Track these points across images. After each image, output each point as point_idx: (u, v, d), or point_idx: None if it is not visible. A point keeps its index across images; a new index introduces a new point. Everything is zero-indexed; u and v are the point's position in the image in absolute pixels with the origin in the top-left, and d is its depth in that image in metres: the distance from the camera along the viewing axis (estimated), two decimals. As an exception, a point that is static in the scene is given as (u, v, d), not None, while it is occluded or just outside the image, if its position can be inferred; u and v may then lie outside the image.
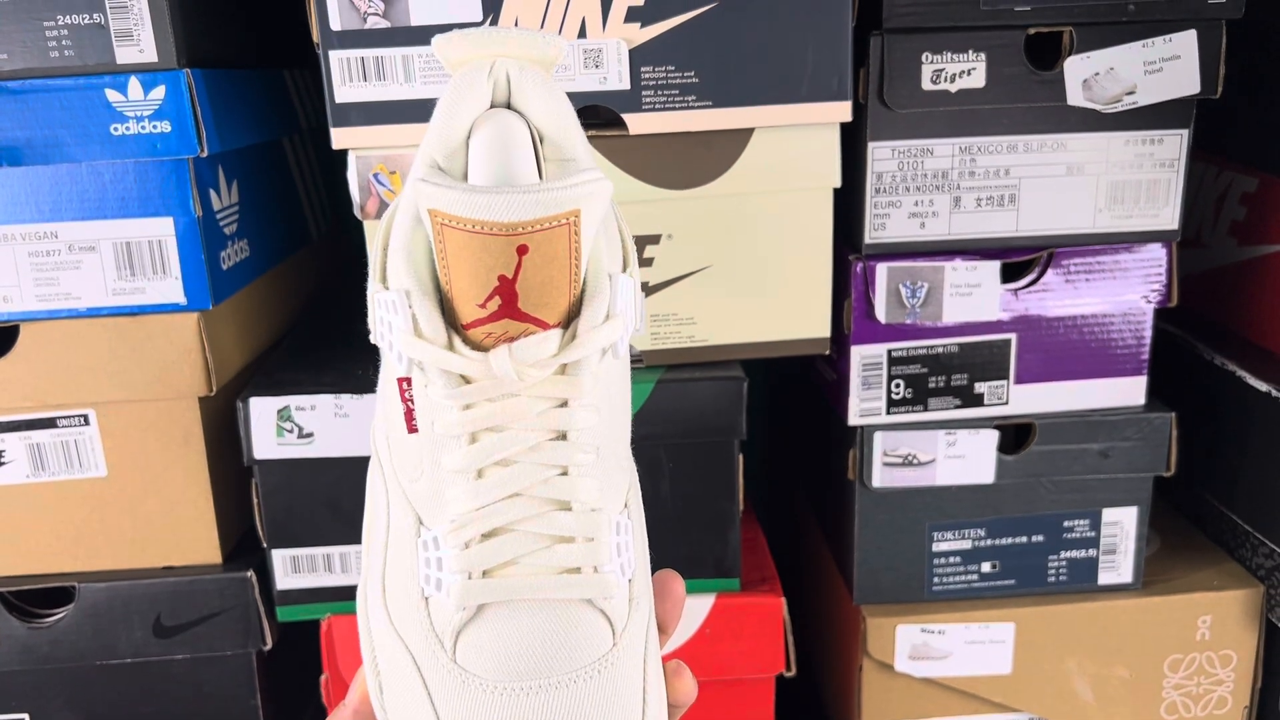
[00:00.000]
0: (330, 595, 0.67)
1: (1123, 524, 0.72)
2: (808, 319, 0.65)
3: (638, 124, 0.59)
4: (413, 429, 0.34)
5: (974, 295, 0.66)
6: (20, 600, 0.66)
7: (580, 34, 0.58)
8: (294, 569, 0.66)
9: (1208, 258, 0.82)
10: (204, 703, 0.68)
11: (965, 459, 0.69)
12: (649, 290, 0.64)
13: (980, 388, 0.68)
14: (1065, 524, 0.71)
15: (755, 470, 0.77)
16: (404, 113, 0.58)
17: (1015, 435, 0.70)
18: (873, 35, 0.61)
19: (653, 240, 0.63)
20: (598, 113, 0.59)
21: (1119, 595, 0.72)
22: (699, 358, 0.65)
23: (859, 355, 0.67)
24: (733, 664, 0.68)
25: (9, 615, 0.65)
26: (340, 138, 0.59)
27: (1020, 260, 0.67)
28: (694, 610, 0.67)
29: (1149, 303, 0.68)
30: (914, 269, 0.66)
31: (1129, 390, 0.69)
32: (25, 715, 0.68)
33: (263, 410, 0.63)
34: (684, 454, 0.65)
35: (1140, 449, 0.70)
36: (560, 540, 0.33)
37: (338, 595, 0.67)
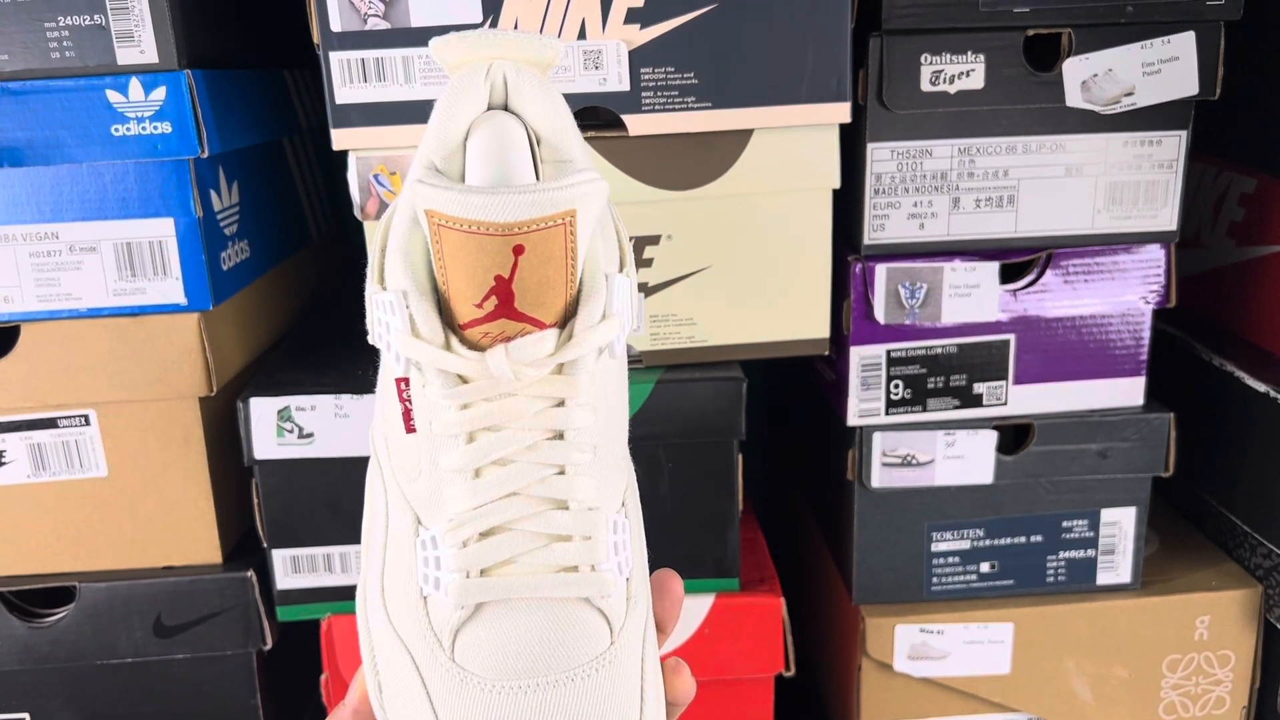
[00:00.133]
0: (330, 595, 0.67)
1: (1121, 524, 0.72)
2: (807, 320, 0.65)
3: (637, 125, 0.59)
4: (411, 429, 0.34)
5: (973, 296, 0.66)
6: (21, 600, 0.66)
7: (580, 35, 0.58)
8: (294, 569, 0.66)
9: (1206, 258, 0.82)
10: (204, 702, 0.68)
11: (964, 459, 0.69)
12: (649, 291, 0.64)
13: (979, 388, 0.68)
14: (1064, 524, 0.72)
15: (754, 470, 0.77)
16: (404, 114, 0.58)
17: (1014, 436, 0.70)
18: (872, 36, 0.61)
19: (652, 241, 0.63)
20: (597, 114, 0.59)
21: (1117, 595, 0.72)
22: (698, 358, 0.65)
23: (858, 356, 0.67)
24: (732, 664, 0.68)
25: (9, 615, 0.65)
26: (340, 139, 0.59)
27: (1019, 261, 0.67)
28: (693, 610, 0.67)
29: (1147, 303, 0.68)
30: (913, 270, 0.66)
31: (1128, 391, 0.70)
32: (26, 715, 0.68)
33: (263, 410, 0.63)
34: (683, 454, 0.65)
35: (1139, 449, 0.70)
36: (558, 539, 0.33)
37: (338, 595, 0.67)
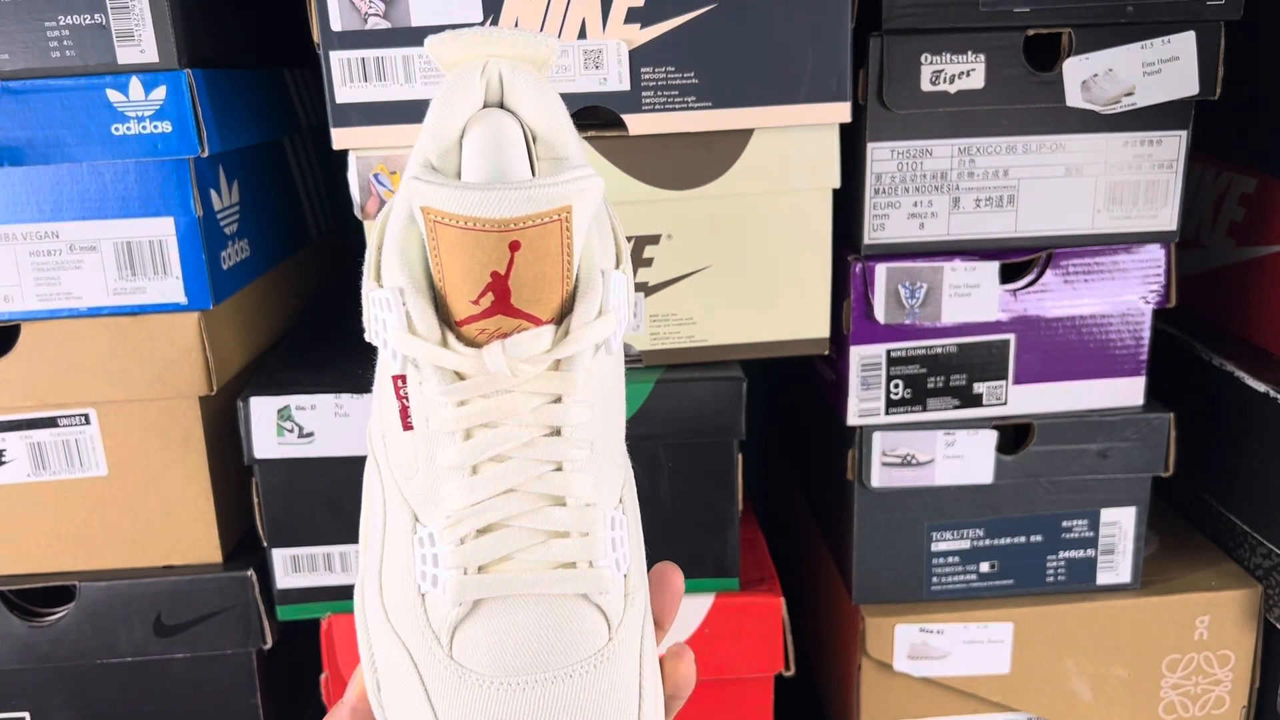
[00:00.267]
0: (330, 594, 0.67)
1: (1121, 524, 0.72)
2: (807, 319, 0.65)
3: (637, 125, 0.59)
4: (408, 426, 0.34)
5: (973, 296, 0.66)
6: (21, 599, 0.66)
7: (580, 35, 0.58)
8: (294, 568, 0.66)
9: (1206, 258, 0.82)
10: (204, 702, 0.68)
11: (964, 459, 0.69)
12: (649, 290, 0.64)
13: (979, 388, 0.68)
14: (1064, 524, 0.72)
15: (754, 470, 0.77)
16: (404, 113, 0.58)
17: (1014, 435, 0.70)
18: (872, 36, 0.61)
19: (652, 240, 0.63)
20: (597, 113, 0.59)
21: (1117, 595, 0.72)
22: (698, 358, 0.65)
23: (858, 355, 0.67)
24: (732, 663, 0.68)
25: (10, 614, 0.65)
26: (340, 138, 0.59)
27: (1019, 261, 0.67)
28: (693, 610, 0.67)
29: (1147, 303, 0.68)
30: (913, 269, 0.66)
31: (1127, 391, 0.70)
32: (26, 714, 0.68)
33: (263, 410, 0.63)
34: (683, 454, 0.65)
35: (1139, 449, 0.70)
36: (555, 535, 0.33)
37: (338, 594, 0.67)
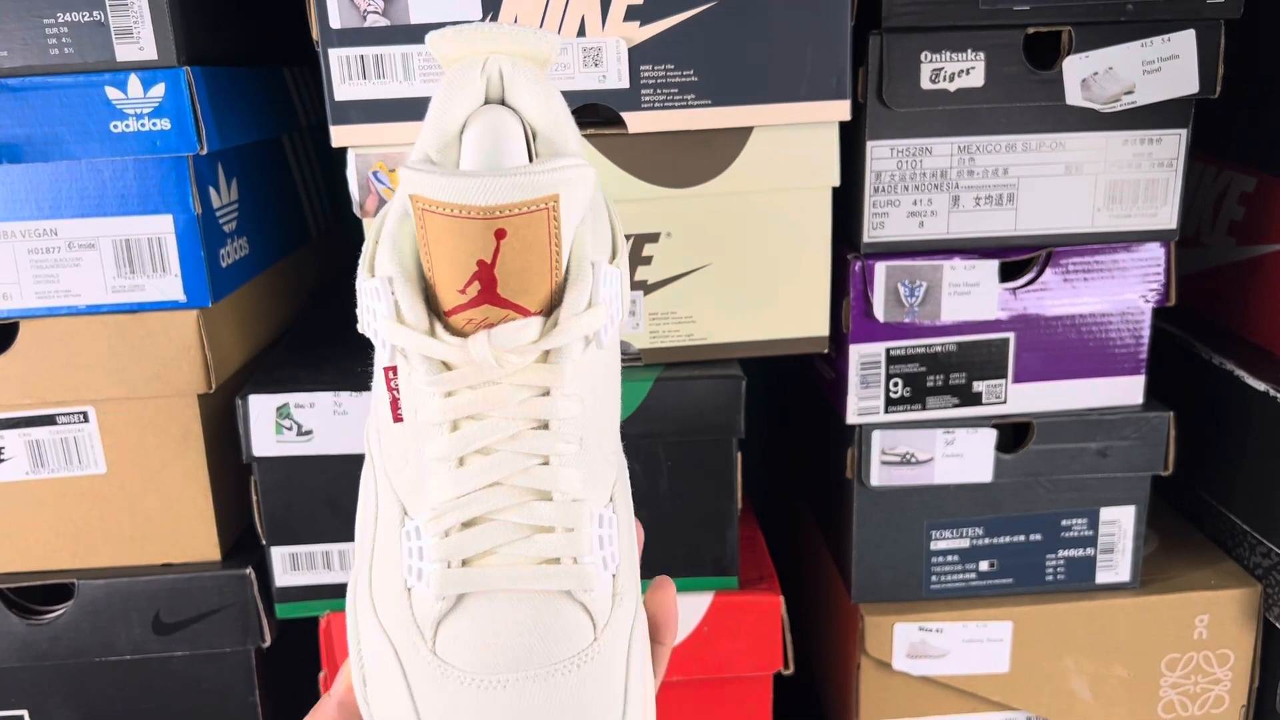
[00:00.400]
0: (329, 592, 0.67)
1: (1120, 523, 0.72)
2: (806, 318, 0.65)
3: (637, 122, 0.59)
4: (398, 418, 0.34)
5: (972, 294, 0.66)
6: (19, 597, 0.66)
7: (580, 32, 0.58)
8: (293, 566, 0.66)
9: (1206, 257, 0.82)
10: (203, 700, 0.68)
11: (963, 458, 0.69)
12: (648, 289, 0.64)
13: (978, 386, 0.68)
14: (1063, 523, 0.71)
15: (753, 469, 0.77)
16: (403, 111, 0.58)
17: (1013, 434, 0.70)
18: (872, 34, 0.61)
19: (651, 239, 0.63)
20: (597, 111, 0.59)
21: (1117, 594, 0.72)
22: (698, 356, 0.65)
23: (857, 354, 0.67)
24: (731, 662, 0.68)
25: (8, 612, 0.65)
26: (340, 135, 0.59)
27: (1019, 259, 0.67)
28: (692, 608, 0.67)
29: (1147, 302, 0.68)
30: (912, 268, 0.66)
31: (1127, 389, 0.70)
32: (24, 712, 0.68)
33: (262, 407, 0.63)
34: (682, 452, 0.65)
35: (1138, 448, 0.70)
36: (540, 530, 0.33)
37: (337, 592, 0.67)
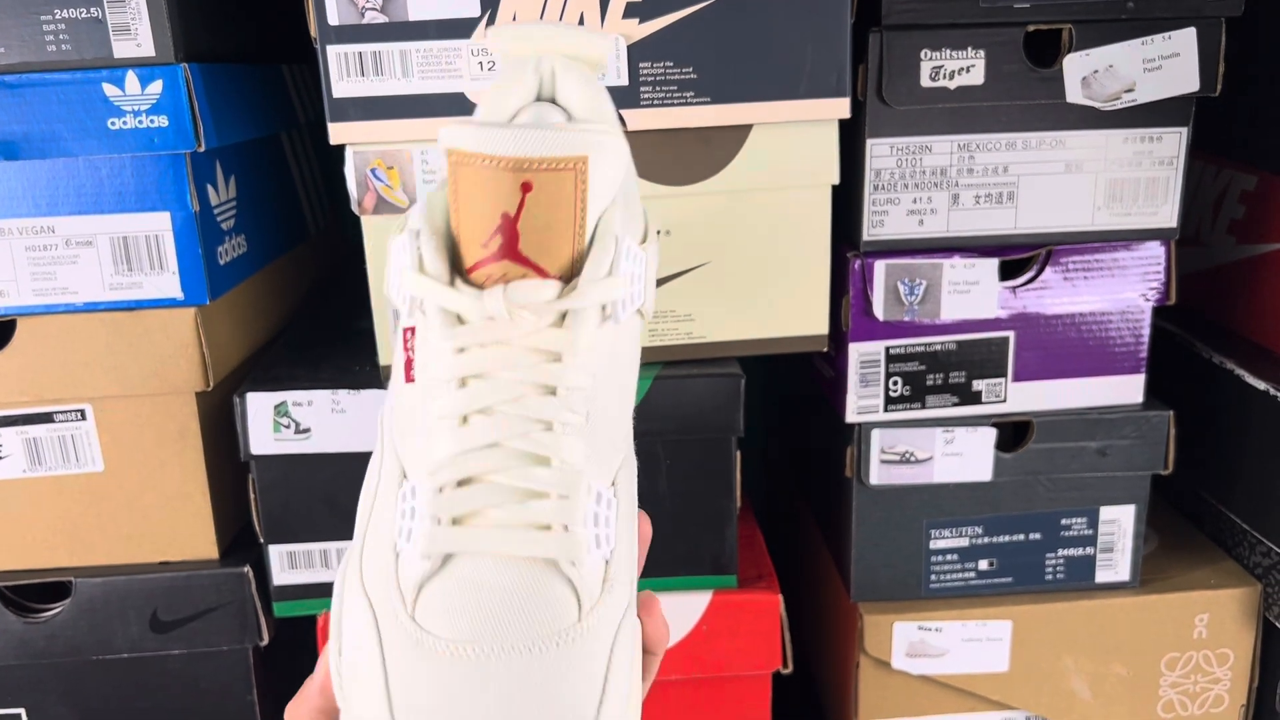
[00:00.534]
0: (327, 591, 0.66)
1: (1120, 522, 0.72)
2: (806, 316, 0.65)
3: (636, 120, 0.59)
4: (410, 379, 0.34)
5: (972, 293, 0.66)
6: (16, 595, 0.66)
7: (579, 29, 0.57)
8: (290, 564, 0.66)
9: (1206, 256, 0.82)
10: (200, 698, 0.68)
11: (963, 456, 0.69)
12: (647, 287, 0.64)
13: (978, 385, 0.68)
14: (1063, 522, 0.71)
15: (753, 467, 0.76)
16: (402, 108, 0.58)
17: (1013, 433, 0.70)
18: (872, 32, 0.61)
19: (651, 236, 0.63)
20: (596, 108, 0.59)
21: (1116, 593, 0.72)
22: (697, 354, 0.65)
23: (857, 353, 0.67)
24: (730, 661, 0.68)
25: (5, 610, 0.65)
26: (338, 133, 0.59)
27: (1019, 258, 0.67)
28: (691, 607, 0.67)
29: (1147, 301, 0.68)
30: (912, 266, 0.65)
31: (1127, 388, 0.69)
32: (21, 710, 0.68)
33: (259, 405, 0.63)
34: (681, 451, 0.65)
35: (1138, 447, 0.70)
36: (533, 495, 0.33)
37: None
